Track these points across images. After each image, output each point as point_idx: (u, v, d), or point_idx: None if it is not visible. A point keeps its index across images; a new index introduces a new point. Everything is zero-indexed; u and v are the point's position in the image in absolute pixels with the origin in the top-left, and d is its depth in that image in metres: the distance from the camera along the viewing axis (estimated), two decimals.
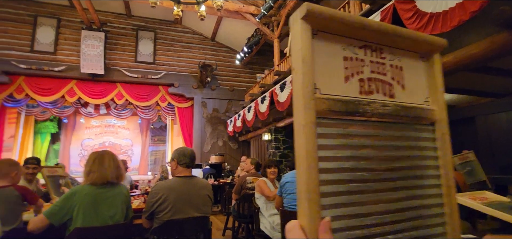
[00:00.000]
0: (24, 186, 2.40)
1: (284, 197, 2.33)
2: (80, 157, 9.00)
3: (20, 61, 7.97)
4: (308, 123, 0.38)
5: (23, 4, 8.46)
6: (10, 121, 8.28)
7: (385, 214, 0.43)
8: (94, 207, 1.90)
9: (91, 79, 8.60)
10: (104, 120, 9.70)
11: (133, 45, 9.38)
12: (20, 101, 8.11)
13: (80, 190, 1.93)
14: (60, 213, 1.85)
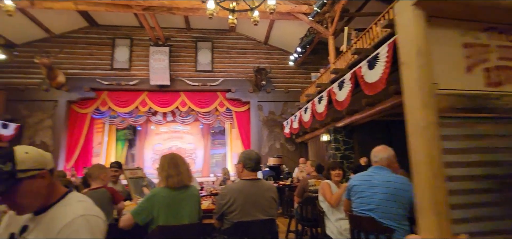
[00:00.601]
0: (112, 188, 2.74)
1: (353, 201, 2.20)
2: (152, 160, 10.00)
3: (103, 78, 9.24)
4: (429, 124, 0.33)
5: (104, 29, 9.81)
6: (98, 130, 9.69)
7: None
8: (172, 208, 2.07)
9: (159, 90, 9.50)
10: (170, 127, 10.60)
11: (193, 56, 10.06)
12: (105, 113, 9.42)
13: (159, 193, 2.12)
14: (143, 213, 2.06)
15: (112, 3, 7.31)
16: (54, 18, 8.65)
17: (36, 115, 8.73)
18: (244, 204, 2.01)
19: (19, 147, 1.06)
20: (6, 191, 0.98)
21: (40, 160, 1.07)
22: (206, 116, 10.06)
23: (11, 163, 1.00)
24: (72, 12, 8.45)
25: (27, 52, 9.04)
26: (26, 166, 1.02)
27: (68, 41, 9.51)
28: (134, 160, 10.29)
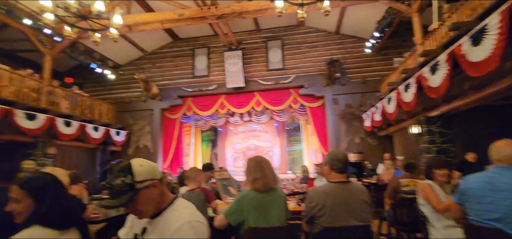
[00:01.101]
0: (205, 188, 3.01)
1: (468, 207, 1.86)
2: (233, 159, 10.73)
3: (187, 86, 10.29)
4: None
5: (185, 42, 10.89)
6: (186, 133, 10.88)
7: None
8: (261, 210, 2.13)
9: (235, 92, 10.04)
10: (247, 126, 11.13)
11: (264, 56, 10.27)
12: (190, 117, 10.51)
13: (247, 195, 2.21)
14: (234, 214, 2.18)
15: (190, 17, 8.01)
16: (146, 38, 10.03)
17: (139, 123, 10.34)
18: (334, 208, 1.92)
19: (134, 161, 1.24)
20: (130, 200, 1.15)
21: (151, 171, 1.23)
22: (280, 114, 10.17)
23: (131, 175, 1.16)
24: (159, 31, 9.63)
25: (128, 70, 10.79)
26: (142, 177, 1.17)
27: (157, 56, 10.92)
28: (217, 158, 11.18)
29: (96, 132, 8.47)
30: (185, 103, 10.34)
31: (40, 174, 1.51)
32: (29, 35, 7.51)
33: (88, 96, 9.34)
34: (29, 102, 6.93)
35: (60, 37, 7.82)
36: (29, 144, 6.88)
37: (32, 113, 6.54)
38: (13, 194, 1.36)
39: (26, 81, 7.11)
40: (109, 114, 9.97)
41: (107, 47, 9.08)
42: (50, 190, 1.38)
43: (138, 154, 9.90)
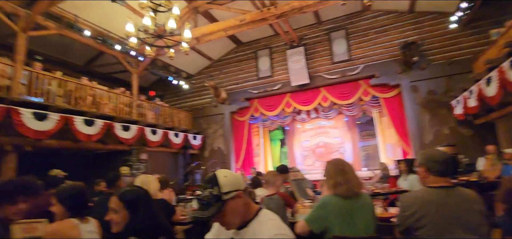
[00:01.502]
0: (284, 193, 2.96)
1: None
2: (303, 157, 10.58)
3: (252, 88, 10.57)
4: None
5: (247, 45, 11.19)
6: (255, 134, 11.20)
7: None
8: (346, 218, 2.00)
9: (300, 89, 9.87)
10: (315, 123, 10.83)
11: (328, 48, 9.82)
12: (258, 118, 10.77)
13: (329, 201, 2.09)
14: (317, 221, 2.09)
15: (251, 21, 8.16)
16: (212, 47, 10.66)
17: (212, 127, 11.09)
18: (439, 219, 1.64)
19: (219, 172, 1.26)
20: (218, 211, 1.17)
21: (236, 182, 1.24)
22: (350, 108, 9.58)
23: (217, 187, 1.19)
24: (223, 38, 10.10)
25: (199, 79, 11.66)
26: (227, 188, 1.19)
27: (223, 63, 11.50)
28: (287, 157, 11.19)
29: (177, 138, 9.42)
30: (252, 104, 10.64)
31: (134, 188, 1.69)
32: (119, 58, 8.77)
33: (168, 106, 10.45)
34: (124, 115, 8.10)
35: (143, 56, 8.92)
36: (126, 151, 8.07)
37: (126, 125, 7.64)
38: (113, 204, 1.54)
39: (120, 98, 8.34)
40: (186, 120, 10.96)
41: (180, 60, 9.97)
42: (142, 204, 1.53)
43: (213, 155, 10.62)
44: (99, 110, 7.43)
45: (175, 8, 5.08)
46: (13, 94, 5.70)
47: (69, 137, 6.44)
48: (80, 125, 6.47)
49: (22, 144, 5.69)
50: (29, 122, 5.59)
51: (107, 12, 7.49)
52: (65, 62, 9.13)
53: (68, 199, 1.96)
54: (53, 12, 6.82)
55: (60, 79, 6.90)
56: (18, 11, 6.17)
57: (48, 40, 7.71)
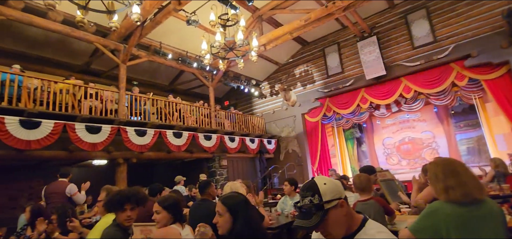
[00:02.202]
0: (381, 199, 2.62)
1: None
2: (386, 156, 9.69)
3: (323, 87, 10.24)
4: None
5: (313, 44, 10.92)
6: (329, 134, 10.83)
7: None
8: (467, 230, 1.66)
9: (376, 82, 9.10)
10: (397, 117, 9.82)
11: (406, 33, 8.82)
12: (331, 117, 10.36)
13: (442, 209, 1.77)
14: (426, 232, 1.78)
15: (317, 19, 7.91)
16: (278, 52, 10.75)
17: (285, 130, 11.17)
18: None
19: (318, 179, 1.19)
20: (321, 221, 1.10)
21: (336, 190, 1.15)
22: (440, 96, 8.35)
23: (318, 195, 1.12)
24: (288, 41, 10.09)
25: (268, 84, 11.91)
26: (328, 197, 1.11)
27: (291, 65, 11.49)
28: (366, 157, 10.43)
29: (253, 143, 9.79)
30: (323, 104, 10.31)
31: (235, 194, 1.78)
32: (197, 74, 9.63)
33: (242, 113, 10.96)
34: (205, 126, 8.84)
35: (216, 70, 9.59)
36: (209, 159, 8.78)
37: (208, 134, 8.31)
38: (218, 208, 1.64)
39: (200, 110, 9.13)
40: (260, 125, 11.30)
41: (249, 68, 10.37)
42: (242, 209, 1.60)
43: (289, 159, 10.65)
44: (184, 123, 8.28)
45: (241, 21, 5.30)
46: (120, 116, 6.82)
47: (163, 148, 7.35)
48: (171, 137, 7.33)
49: (130, 157, 6.75)
50: (133, 138, 6.60)
51: (184, 35, 8.33)
52: (154, 84, 10.51)
53: (171, 207, 2.20)
54: (143, 43, 7.94)
55: (152, 98, 7.96)
56: (118, 46, 7.39)
57: (140, 67, 8.99)
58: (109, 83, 8.67)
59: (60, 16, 6.23)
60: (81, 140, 5.69)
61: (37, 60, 7.71)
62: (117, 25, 4.26)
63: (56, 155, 5.66)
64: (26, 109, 5.20)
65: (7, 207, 6.78)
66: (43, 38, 7.32)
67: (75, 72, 8.15)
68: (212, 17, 4.77)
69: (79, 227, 2.82)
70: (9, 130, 4.82)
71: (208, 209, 3.11)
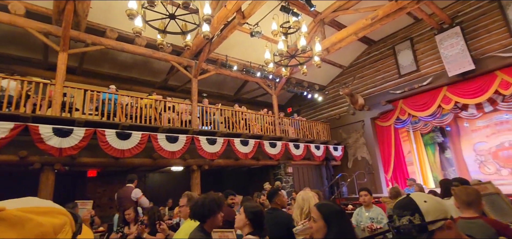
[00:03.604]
0: (495, 220, 2.13)
1: None
2: (478, 163, 8.27)
3: (394, 88, 9.39)
4: None
5: (381, 43, 10.16)
6: (404, 139, 9.84)
7: None
8: None
9: (462, 79, 7.94)
10: (491, 118, 8.35)
11: (500, 19, 7.52)
12: (406, 121, 9.41)
13: None
14: None
15: (385, 15, 7.34)
16: (342, 54, 10.31)
17: (352, 136, 10.58)
18: None
19: (415, 196, 1.04)
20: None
21: (440, 208, 1.00)
22: None
23: (419, 214, 1.00)
24: (353, 43, 9.59)
25: (332, 88, 11.50)
26: (432, 216, 0.98)
27: (356, 67, 10.88)
28: (452, 165, 9.11)
29: (318, 150, 9.53)
30: (396, 107, 9.43)
31: (331, 203, 1.74)
32: (260, 83, 9.88)
33: (305, 119, 10.79)
34: (269, 133, 8.97)
35: (279, 78, 9.68)
36: (275, 166, 8.86)
37: (273, 142, 8.41)
38: (313, 213, 1.62)
39: (265, 118, 9.32)
40: (325, 132, 10.95)
41: (311, 73, 10.18)
42: (336, 218, 1.56)
43: (357, 166, 10.02)
44: (250, 131, 8.56)
45: (303, 27, 5.23)
46: (193, 126, 7.43)
47: (231, 156, 7.72)
48: (238, 145, 7.65)
49: (202, 164, 7.27)
50: (205, 146, 7.10)
51: (247, 46, 8.67)
52: (221, 95, 11.18)
53: (253, 215, 2.26)
54: (211, 57, 8.53)
55: (220, 108, 8.45)
56: (190, 63, 8.09)
57: (209, 80, 9.67)
58: (184, 97, 9.55)
59: (144, 41, 7.16)
60: (162, 148, 6.38)
61: (127, 80, 8.99)
62: (190, 43, 4.72)
63: (143, 162, 6.46)
64: (120, 122, 6.08)
65: (107, 206, 8.02)
66: (131, 61, 8.51)
67: (156, 88, 9.23)
68: (274, 27, 4.85)
69: (167, 230, 3.14)
70: (108, 141, 5.70)
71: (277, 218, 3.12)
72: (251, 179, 10.09)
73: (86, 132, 5.43)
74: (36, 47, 7.04)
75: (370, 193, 3.77)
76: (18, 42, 6.95)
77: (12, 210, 0.47)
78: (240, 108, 9.11)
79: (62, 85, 5.77)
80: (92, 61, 8.02)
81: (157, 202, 6.67)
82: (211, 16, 4.09)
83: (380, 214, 3.65)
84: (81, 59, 7.64)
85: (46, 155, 5.12)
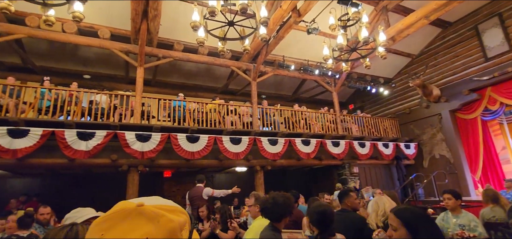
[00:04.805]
0: None
1: None
2: None
3: (480, 74, 8.10)
4: None
5: (459, 23, 8.88)
6: (495, 133, 8.37)
7: None
8: None
9: None
10: None
11: None
12: (497, 112, 7.98)
13: None
14: None
15: None
16: (409, 42, 9.31)
17: (427, 132, 9.47)
18: None
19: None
20: None
21: None
22: None
23: None
24: (423, 28, 8.58)
25: (400, 80, 10.50)
26: None
27: (428, 55, 9.73)
28: None
29: (386, 148, 8.80)
30: (483, 95, 8.11)
31: (411, 207, 1.59)
32: (319, 81, 9.59)
33: (370, 116, 10.08)
34: (331, 132, 8.63)
35: (339, 74, 9.26)
36: (339, 166, 8.49)
37: (336, 141, 8.06)
38: (391, 221, 1.48)
39: (325, 117, 9.00)
40: (393, 128, 10.06)
41: (375, 66, 9.47)
42: (422, 224, 1.39)
43: (435, 166, 8.91)
44: (310, 130, 8.37)
45: (364, 17, 4.87)
46: (254, 127, 7.61)
47: (293, 156, 7.66)
48: (299, 145, 7.55)
49: (265, 165, 7.39)
50: (267, 147, 7.20)
51: (304, 45, 8.52)
52: (279, 95, 11.21)
53: (316, 216, 2.19)
54: (268, 59, 8.62)
55: (280, 109, 8.47)
56: (249, 66, 8.32)
57: (267, 81, 9.78)
58: (244, 100, 9.87)
59: (206, 50, 7.62)
60: (227, 150, 6.69)
61: (193, 87, 9.70)
62: (249, 48, 4.85)
63: (210, 163, 6.87)
64: (189, 127, 6.59)
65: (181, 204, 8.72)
66: (195, 69, 9.16)
67: (218, 93, 9.75)
68: (332, 21, 4.66)
69: (238, 228, 3.26)
70: (180, 144, 6.23)
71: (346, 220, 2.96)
72: (313, 179, 9.84)
73: (161, 136, 6.04)
74: (119, 65, 8.12)
75: (456, 196, 3.26)
76: (105, 62, 8.12)
77: (150, 206, 0.53)
78: (300, 108, 8.99)
79: (140, 96, 6.53)
80: (163, 73, 8.89)
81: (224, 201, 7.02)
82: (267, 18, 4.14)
83: (473, 221, 3.14)
84: (154, 71, 8.53)
85: (131, 158, 5.85)
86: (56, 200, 5.78)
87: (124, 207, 0.53)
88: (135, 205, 0.53)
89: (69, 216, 2.36)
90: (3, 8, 3.30)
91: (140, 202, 0.54)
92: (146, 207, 0.53)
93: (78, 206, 2.41)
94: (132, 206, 0.53)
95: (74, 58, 7.87)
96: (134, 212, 0.52)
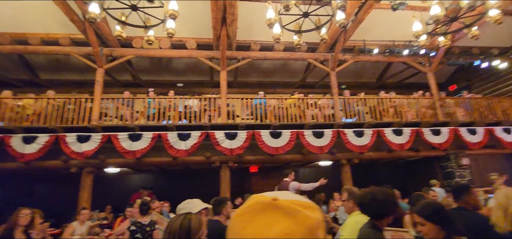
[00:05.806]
0: None
1: None
2: None
3: None
4: None
5: None
6: None
7: None
8: None
9: None
10: None
11: None
12: None
13: None
14: None
15: None
16: None
17: None
18: None
19: None
20: None
21: None
22: None
23: None
24: None
25: None
26: None
27: None
28: None
29: (508, 134, 7.15)
30: None
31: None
32: (408, 62, 8.47)
33: (481, 96, 8.35)
34: (429, 119, 7.51)
35: (435, 51, 7.98)
36: (441, 157, 7.33)
37: (436, 129, 6.98)
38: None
39: (420, 102, 7.90)
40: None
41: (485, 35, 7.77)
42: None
43: None
44: (402, 118, 7.47)
45: None
46: (336, 119, 7.25)
47: (383, 148, 6.99)
48: (390, 135, 6.84)
49: (351, 158, 6.98)
50: (352, 139, 6.78)
51: (389, 23, 7.64)
52: (361, 84, 10.39)
53: (434, 215, 1.90)
54: (346, 46, 8.07)
55: (364, 98, 7.84)
56: (326, 56, 7.97)
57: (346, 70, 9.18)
58: (323, 92, 9.54)
59: (282, 46, 7.65)
60: (310, 144, 6.58)
61: (271, 85, 9.91)
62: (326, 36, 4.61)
63: (293, 158, 6.89)
64: (271, 123, 6.74)
65: None
66: (272, 67, 9.33)
67: (296, 88, 9.69)
68: None
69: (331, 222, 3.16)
70: (264, 140, 6.44)
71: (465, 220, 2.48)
72: (409, 172, 8.78)
73: (247, 134, 6.37)
74: (205, 71, 8.93)
75: None
76: (193, 69, 9.06)
77: (285, 200, 0.51)
78: (387, 95, 8.13)
79: (225, 97, 7.03)
80: (243, 73, 9.35)
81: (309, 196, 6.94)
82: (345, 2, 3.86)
83: None
84: (235, 73, 9.05)
85: (222, 155, 6.37)
86: (165, 193, 6.79)
87: (260, 200, 0.53)
88: (270, 198, 0.53)
89: (181, 207, 2.70)
90: (118, 35, 4.04)
91: (274, 196, 0.53)
92: (282, 201, 0.51)
93: (184, 198, 2.73)
94: (268, 199, 0.53)
95: (169, 70, 9.05)
96: (270, 206, 0.51)
